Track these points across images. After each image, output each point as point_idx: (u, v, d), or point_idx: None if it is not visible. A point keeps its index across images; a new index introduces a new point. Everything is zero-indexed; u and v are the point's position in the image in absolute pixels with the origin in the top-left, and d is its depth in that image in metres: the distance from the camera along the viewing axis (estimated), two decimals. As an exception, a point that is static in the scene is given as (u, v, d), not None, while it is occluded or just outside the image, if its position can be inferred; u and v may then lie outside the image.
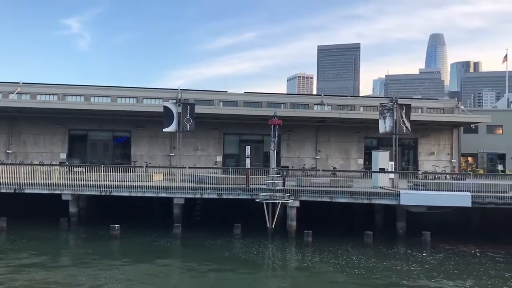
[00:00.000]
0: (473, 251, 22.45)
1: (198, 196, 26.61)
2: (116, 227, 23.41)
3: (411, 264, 19.75)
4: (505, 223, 26.44)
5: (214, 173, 31.27)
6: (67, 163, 34.17)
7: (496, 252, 22.15)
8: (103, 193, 26.62)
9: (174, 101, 34.16)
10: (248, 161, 33.45)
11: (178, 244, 23.26)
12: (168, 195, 26.46)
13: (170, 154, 40.96)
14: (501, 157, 53.21)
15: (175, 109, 31.36)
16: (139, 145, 41.49)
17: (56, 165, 30.28)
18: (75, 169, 29.49)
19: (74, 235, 25.18)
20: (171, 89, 48.31)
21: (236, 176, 27.92)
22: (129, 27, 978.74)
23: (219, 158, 42.06)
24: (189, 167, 32.01)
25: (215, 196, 26.29)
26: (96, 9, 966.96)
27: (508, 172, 46.29)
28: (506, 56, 73.75)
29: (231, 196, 26.21)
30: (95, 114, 39.41)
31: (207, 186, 26.81)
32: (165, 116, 31.52)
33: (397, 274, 18.29)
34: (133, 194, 26.54)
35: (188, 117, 31.31)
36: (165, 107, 31.77)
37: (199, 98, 45.01)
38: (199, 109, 34.36)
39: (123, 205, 29.12)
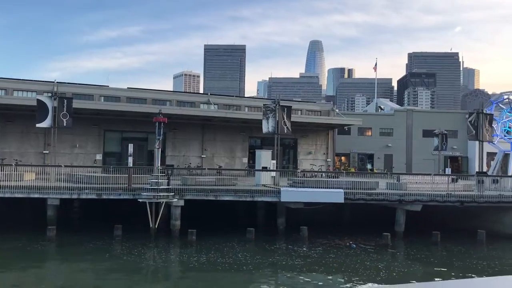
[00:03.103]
0: (348, 244, 24.21)
1: (75, 196, 25.03)
2: (-21, 232, 21.05)
3: (295, 259, 20.66)
4: (373, 217, 28.99)
5: (94, 172, 29.68)
6: None
7: (367, 244, 24.15)
8: (-38, 195, 23.76)
9: (49, 94, 31.72)
10: (130, 159, 32.32)
11: (52, 248, 21.67)
12: (41, 196, 24.47)
13: (44, 152, 37.97)
14: (370, 157, 58.28)
15: (50, 103, 29.11)
16: (8, 141, 37.79)
17: None
18: None
19: None
20: (46, 81, 44.82)
21: (118, 175, 26.79)
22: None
23: (99, 157, 40.05)
24: (65, 166, 30.00)
25: (94, 197, 24.96)
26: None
27: (376, 171, 50.89)
28: (376, 65, 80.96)
29: (111, 197, 25.09)
30: (-46, 106, 35.04)
31: (86, 186, 25.35)
32: (39, 110, 29.11)
33: (282, 269, 19.05)
34: (0, 195, 24.08)
35: (64, 112, 29.27)
36: (39, 101, 29.34)
37: (77, 92, 42.38)
38: (77, 104, 32.36)
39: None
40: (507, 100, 40.92)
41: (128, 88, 48.31)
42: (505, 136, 39.65)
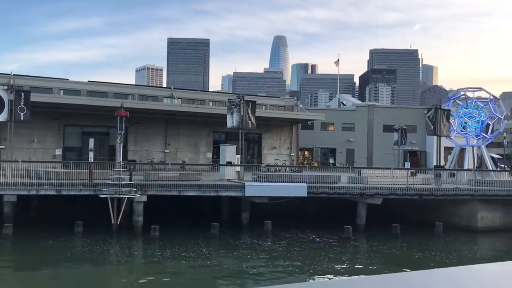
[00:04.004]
0: (311, 238, 24.52)
1: (33, 192, 24.26)
2: None
3: (259, 253, 20.76)
4: (336, 211, 29.49)
5: (53, 167, 28.83)
6: None
7: (330, 238, 24.53)
8: None
9: (5, 87, 30.52)
10: (91, 154, 31.63)
11: (8, 246, 20.95)
12: (-4, 193, 23.55)
13: (0, 147, 36.55)
14: (333, 152, 59.13)
15: (6, 96, 28.08)
16: (-40, 136, 36.14)
17: None
18: None
19: None
20: (1, 73, 43.03)
21: (78, 170, 26.16)
22: None
23: (59, 152, 38.91)
24: (23, 161, 28.96)
25: (53, 193, 24.26)
26: None
27: (338, 165, 51.74)
28: (338, 60, 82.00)
29: (72, 192, 24.47)
30: None
31: (45, 181, 24.59)
32: (-6, 103, 28.00)
33: (248, 263, 19.09)
34: (-48, 192, 23.04)
35: (22, 105, 28.31)
36: (-6, 94, 28.22)
37: (36, 85, 40.95)
38: (35, 97, 31.32)
39: None
40: (463, 96, 42.33)
41: (89, 81, 47.11)
42: (461, 131, 41.04)
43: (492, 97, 40.84)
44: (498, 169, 46.46)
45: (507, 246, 25.33)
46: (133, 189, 24.34)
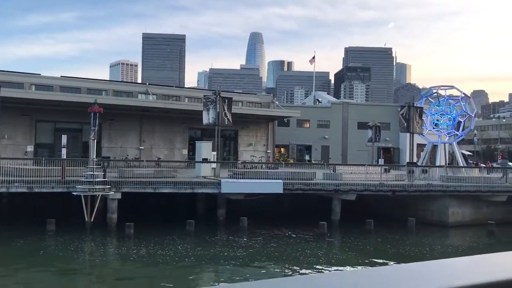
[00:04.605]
0: (287, 234, 24.65)
1: (3, 190, 23.67)
2: None
3: (236, 250, 20.75)
4: (311, 207, 29.72)
5: (24, 164, 28.18)
6: None
7: (306, 234, 24.73)
8: None
9: (-26, 82, 29.68)
10: (64, 151, 31.03)
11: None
12: (-35, 190, 22.89)
13: (-32, 143, 35.54)
14: (308, 148, 59.54)
15: (-26, 91, 27.26)
16: None
17: None
18: None
19: None
20: (-31, 67, 41.79)
21: (50, 167, 25.61)
22: None
23: (30, 148, 38.06)
24: (-7, 158, 28.24)
25: (24, 190, 23.71)
26: None
27: (313, 162, 52.15)
28: (313, 58, 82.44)
29: (44, 190, 23.95)
30: None
31: (15, 179, 24.00)
32: (-38, 98, 27.18)
33: (225, 260, 19.05)
34: None
35: (-9, 101, 27.55)
36: (-38, 89, 27.40)
37: (6, 80, 39.90)
38: (5, 93, 30.54)
39: None
40: (436, 94, 43.18)
41: (61, 76, 46.20)
42: (433, 128, 41.88)
43: (463, 95, 41.79)
44: (469, 165, 47.61)
45: (477, 240, 26.02)
46: (107, 186, 24.01)
